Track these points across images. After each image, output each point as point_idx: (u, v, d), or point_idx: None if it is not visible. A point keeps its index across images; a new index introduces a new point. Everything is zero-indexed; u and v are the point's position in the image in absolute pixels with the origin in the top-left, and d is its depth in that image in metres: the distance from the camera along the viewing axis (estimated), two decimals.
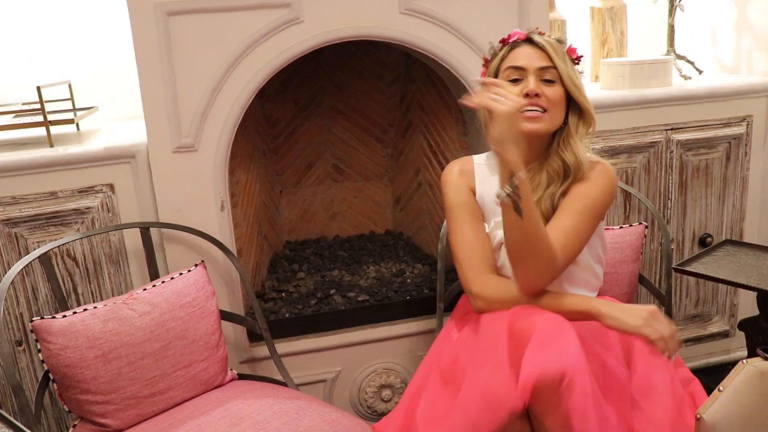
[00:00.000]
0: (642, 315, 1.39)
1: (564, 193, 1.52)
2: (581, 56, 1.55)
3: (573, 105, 1.51)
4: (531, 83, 1.46)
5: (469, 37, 1.87)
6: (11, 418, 1.15)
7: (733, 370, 1.25)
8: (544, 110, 1.47)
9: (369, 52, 2.39)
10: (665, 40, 2.48)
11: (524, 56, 1.49)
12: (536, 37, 1.50)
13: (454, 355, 1.50)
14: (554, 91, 1.47)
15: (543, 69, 1.47)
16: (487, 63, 1.58)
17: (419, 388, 1.60)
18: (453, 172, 1.63)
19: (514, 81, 1.49)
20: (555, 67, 1.47)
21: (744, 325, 1.83)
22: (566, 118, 1.52)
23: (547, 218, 1.51)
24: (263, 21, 1.75)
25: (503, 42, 1.55)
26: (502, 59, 1.53)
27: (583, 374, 1.29)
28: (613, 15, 2.40)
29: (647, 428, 1.41)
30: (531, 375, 1.28)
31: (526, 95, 1.45)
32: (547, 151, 1.54)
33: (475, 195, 1.60)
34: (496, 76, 1.53)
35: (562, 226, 1.47)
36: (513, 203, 1.36)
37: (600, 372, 1.41)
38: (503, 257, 1.55)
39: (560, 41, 1.52)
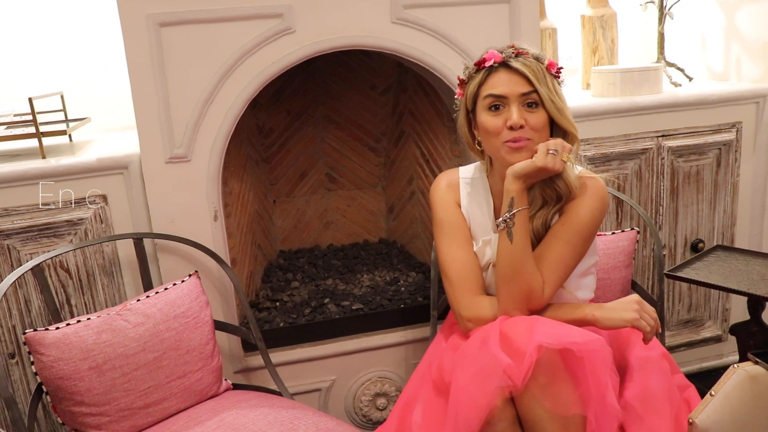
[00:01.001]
0: (633, 307, 1.43)
1: (557, 213, 1.52)
2: (561, 68, 1.51)
3: (556, 126, 1.49)
4: (514, 115, 1.42)
5: (460, 46, 1.88)
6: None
7: (724, 375, 1.26)
8: (529, 138, 1.44)
9: (361, 62, 2.40)
10: (655, 48, 2.50)
11: (503, 83, 1.44)
12: (513, 62, 1.44)
13: (444, 364, 1.51)
14: (537, 117, 1.44)
15: (524, 95, 1.43)
16: (462, 84, 1.54)
17: (412, 396, 1.60)
18: (441, 187, 1.63)
19: (495, 108, 1.45)
20: (536, 92, 1.43)
21: (735, 329, 1.84)
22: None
23: (537, 237, 1.51)
24: (255, 31, 1.76)
25: (478, 65, 1.49)
26: (480, 84, 1.48)
27: (603, 344, 1.32)
28: (604, 23, 2.42)
29: None
30: (538, 338, 1.29)
31: (510, 128, 1.43)
32: None
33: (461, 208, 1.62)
34: (474, 101, 1.50)
35: (550, 258, 1.47)
36: (507, 229, 1.44)
37: None
38: (490, 277, 1.56)
39: (538, 58, 1.47)
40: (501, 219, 1.45)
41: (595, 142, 2.13)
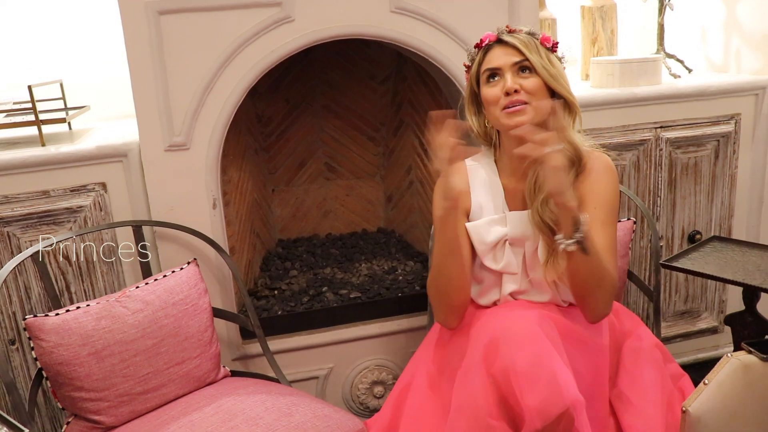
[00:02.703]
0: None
1: (575, 178, 1.52)
2: (557, 42, 1.56)
3: (557, 94, 1.52)
4: (508, 81, 1.48)
5: (459, 35, 1.88)
6: (5, 415, 1.16)
7: (718, 364, 1.27)
8: (526, 102, 1.48)
9: (360, 51, 2.40)
10: (655, 39, 2.50)
11: (497, 57, 1.51)
12: (505, 37, 1.52)
13: (440, 364, 1.52)
14: (532, 82, 1.48)
15: (517, 64, 1.49)
16: (468, 68, 1.61)
17: (407, 385, 1.62)
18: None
19: (492, 78, 1.51)
20: (527, 59, 1.49)
21: (730, 320, 1.85)
22: None
23: None
24: (254, 20, 1.76)
25: (477, 46, 1.57)
26: (480, 63, 1.55)
27: (581, 404, 1.27)
28: (604, 14, 2.42)
29: (638, 423, 1.43)
30: (535, 420, 1.25)
31: (506, 94, 1.48)
32: None
33: (467, 197, 1.61)
34: (477, 80, 1.56)
35: (600, 245, 1.46)
36: (581, 245, 1.38)
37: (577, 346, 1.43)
38: (507, 255, 1.55)
39: (532, 33, 1.53)
40: (573, 241, 1.38)
41: (593, 133, 2.13)
